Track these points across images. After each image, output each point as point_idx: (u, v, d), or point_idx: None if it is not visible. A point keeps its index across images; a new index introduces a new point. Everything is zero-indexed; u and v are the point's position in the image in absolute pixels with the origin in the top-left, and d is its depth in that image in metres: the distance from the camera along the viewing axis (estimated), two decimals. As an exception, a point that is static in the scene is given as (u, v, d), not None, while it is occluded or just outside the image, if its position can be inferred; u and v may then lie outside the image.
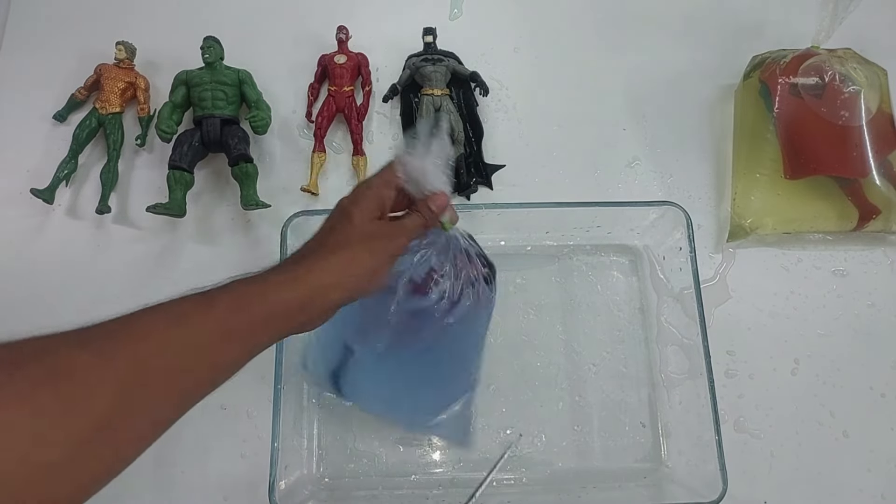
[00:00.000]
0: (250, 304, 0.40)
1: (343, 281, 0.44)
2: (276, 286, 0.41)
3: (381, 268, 0.46)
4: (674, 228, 0.63)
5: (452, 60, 0.75)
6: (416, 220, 0.49)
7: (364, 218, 0.46)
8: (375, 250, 0.45)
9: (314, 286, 0.42)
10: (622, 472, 0.62)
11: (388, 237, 0.47)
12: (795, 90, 0.69)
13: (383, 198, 0.47)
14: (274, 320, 0.41)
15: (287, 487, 0.56)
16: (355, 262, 0.45)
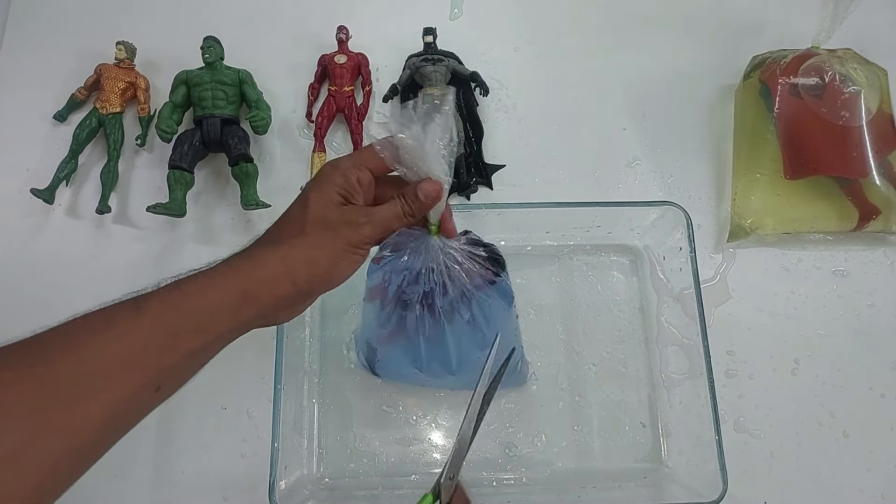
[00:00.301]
0: (182, 303, 0.37)
1: (291, 272, 0.40)
2: (213, 281, 0.39)
3: (338, 260, 0.42)
4: (674, 228, 0.63)
5: (452, 60, 0.75)
6: (394, 208, 0.43)
7: (323, 203, 0.42)
8: (329, 241, 0.41)
9: (258, 278, 0.40)
10: (622, 472, 0.62)
11: (350, 225, 0.42)
12: (795, 90, 0.69)
13: (349, 180, 0.42)
14: (215, 317, 0.38)
15: (287, 487, 0.56)
16: (307, 251, 0.41)
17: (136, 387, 0.35)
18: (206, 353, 0.39)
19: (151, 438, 0.63)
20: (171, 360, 0.37)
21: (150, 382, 0.36)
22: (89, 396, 0.34)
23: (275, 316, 0.43)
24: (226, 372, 0.64)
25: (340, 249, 0.42)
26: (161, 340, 0.36)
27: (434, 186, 0.43)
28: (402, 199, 0.44)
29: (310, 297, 0.44)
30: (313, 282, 0.42)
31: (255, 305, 0.40)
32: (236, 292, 0.39)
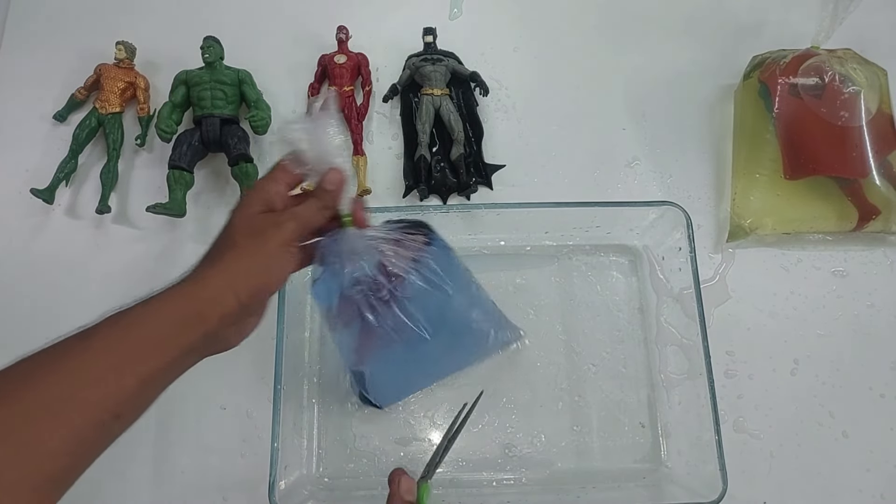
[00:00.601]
0: (128, 332, 0.38)
1: (234, 283, 0.42)
2: (156, 307, 0.40)
3: (271, 262, 0.44)
4: (673, 228, 0.63)
5: (452, 60, 0.75)
6: (311, 204, 0.46)
7: (247, 216, 0.44)
8: (259, 245, 0.43)
9: (202, 298, 0.41)
10: (622, 472, 0.62)
11: (276, 225, 0.44)
12: (795, 90, 0.69)
13: (268, 193, 0.45)
14: (162, 343, 0.39)
15: (287, 487, 0.56)
16: (242, 261, 0.42)
17: (94, 418, 0.36)
18: (161, 380, 0.40)
19: (151, 438, 0.63)
20: (125, 389, 0.37)
21: (108, 412, 0.37)
22: (48, 431, 0.34)
23: (224, 336, 0.44)
24: (226, 372, 0.65)
25: (273, 251, 0.43)
26: (112, 371, 0.37)
27: (335, 174, 0.46)
28: (314, 196, 0.46)
29: (255, 311, 0.45)
30: (254, 291, 0.43)
31: (201, 326, 0.40)
32: (180, 315, 0.40)
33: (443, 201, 0.71)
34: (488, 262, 0.68)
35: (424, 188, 0.70)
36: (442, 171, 0.72)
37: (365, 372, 0.57)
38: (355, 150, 0.72)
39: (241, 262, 0.42)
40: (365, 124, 0.74)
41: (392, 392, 0.62)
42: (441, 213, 0.65)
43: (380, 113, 0.76)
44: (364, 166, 0.71)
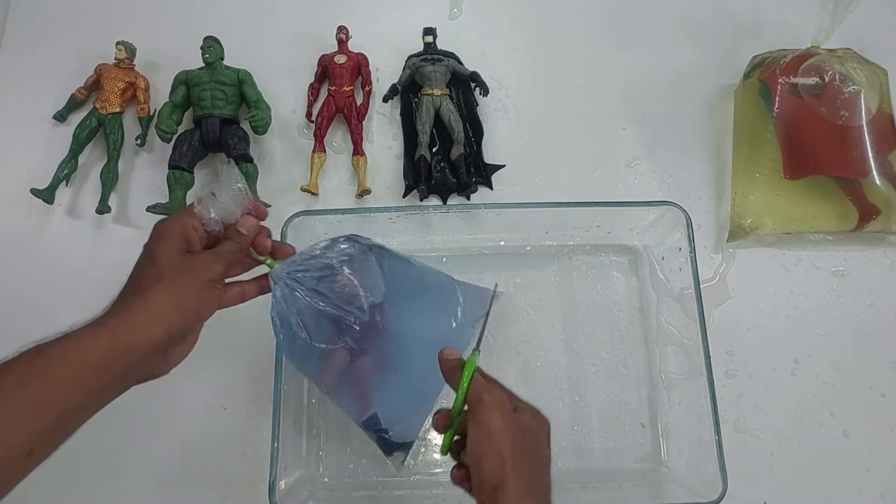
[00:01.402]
0: (48, 367, 0.38)
1: (158, 317, 0.43)
2: (79, 341, 0.40)
3: (200, 296, 0.45)
4: (674, 228, 0.63)
5: (452, 60, 0.75)
6: (231, 244, 0.48)
7: (169, 253, 0.45)
8: (187, 281, 0.45)
9: (125, 330, 0.41)
10: (622, 472, 0.62)
11: (202, 265, 0.46)
12: (795, 90, 0.69)
13: (187, 229, 0.46)
14: (84, 376, 0.39)
15: (287, 487, 0.56)
16: (168, 297, 0.43)
17: (4, 454, 0.36)
18: (80, 413, 0.40)
19: (151, 438, 0.63)
20: (39, 425, 0.37)
21: (21, 448, 0.37)
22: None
23: (150, 365, 0.44)
24: (226, 372, 0.65)
25: (201, 286, 0.45)
26: (28, 405, 0.37)
27: (249, 220, 0.49)
28: (230, 238, 0.49)
29: (183, 340, 0.46)
30: (184, 324, 0.44)
31: (126, 356, 0.41)
32: (104, 346, 0.40)
33: (443, 201, 0.71)
34: (488, 261, 0.68)
35: (424, 188, 0.70)
36: (442, 171, 0.72)
37: (377, 413, 0.55)
38: (355, 150, 0.72)
39: (170, 296, 0.44)
40: (365, 124, 0.74)
41: (411, 419, 0.58)
42: (441, 213, 0.65)
43: (380, 113, 0.76)
44: (364, 166, 0.71)
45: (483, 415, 0.43)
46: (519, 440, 0.43)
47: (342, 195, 0.72)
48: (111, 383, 0.41)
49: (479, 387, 0.45)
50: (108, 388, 0.41)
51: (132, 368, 0.42)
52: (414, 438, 0.58)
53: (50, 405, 0.38)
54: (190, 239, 0.47)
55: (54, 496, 0.61)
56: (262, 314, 0.60)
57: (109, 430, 0.63)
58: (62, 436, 0.40)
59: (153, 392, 0.64)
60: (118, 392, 0.43)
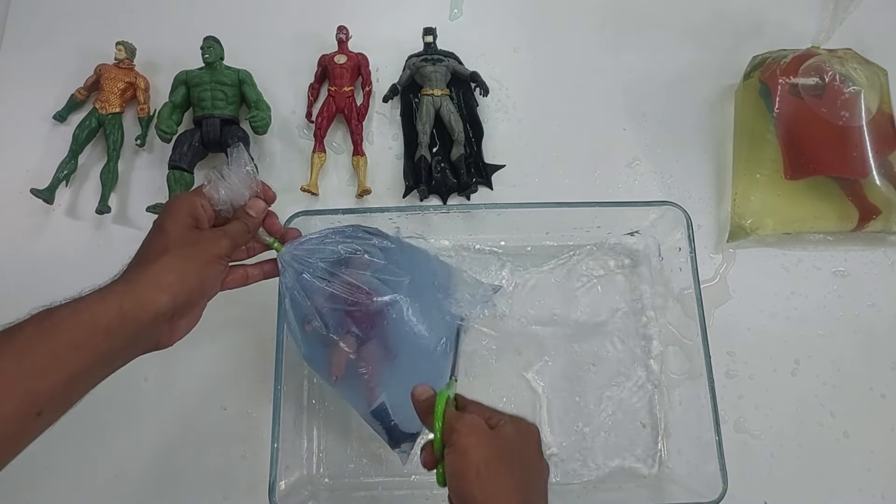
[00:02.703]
0: (58, 328, 0.39)
1: (164, 286, 0.44)
2: (88, 305, 0.41)
3: (205, 270, 0.47)
4: (674, 228, 0.63)
5: (452, 60, 0.75)
6: (239, 225, 0.50)
7: (178, 227, 0.47)
8: (194, 254, 0.46)
9: (135, 295, 0.42)
10: (622, 472, 0.62)
11: (211, 240, 0.47)
12: (795, 90, 0.69)
13: (196, 207, 0.48)
14: (93, 339, 0.40)
15: (287, 487, 0.56)
16: (174, 267, 0.45)
17: (14, 413, 0.37)
18: (89, 377, 0.41)
19: (151, 438, 0.63)
20: (50, 384, 0.38)
21: (31, 407, 0.37)
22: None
23: (157, 335, 0.45)
24: (226, 372, 0.65)
25: (207, 261, 0.47)
26: (38, 364, 0.38)
27: (258, 202, 0.51)
28: (239, 219, 0.51)
29: (186, 312, 0.47)
30: (188, 295, 0.45)
31: (133, 322, 0.42)
32: (113, 311, 0.41)
33: (443, 201, 0.71)
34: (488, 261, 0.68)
35: (424, 188, 0.70)
36: (442, 171, 0.72)
37: (385, 402, 0.56)
38: (355, 150, 0.72)
39: (176, 267, 0.45)
40: (365, 124, 0.74)
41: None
42: (441, 213, 0.65)
43: (380, 113, 0.76)
44: (364, 166, 0.71)
45: (459, 442, 0.42)
46: (495, 454, 0.42)
47: (342, 195, 0.72)
48: (119, 348, 0.42)
49: (450, 419, 0.44)
50: (117, 352, 0.42)
51: (139, 335, 0.43)
52: (420, 429, 0.57)
53: (60, 366, 0.39)
54: (198, 216, 0.48)
55: (53, 495, 0.61)
56: (262, 314, 0.61)
57: (109, 430, 0.63)
58: (71, 399, 0.40)
59: (153, 391, 0.64)
60: (125, 359, 0.43)
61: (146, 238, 0.47)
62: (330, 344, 0.54)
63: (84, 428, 0.63)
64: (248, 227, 0.50)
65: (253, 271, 0.53)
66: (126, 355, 0.43)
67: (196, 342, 0.64)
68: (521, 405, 0.63)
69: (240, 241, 0.50)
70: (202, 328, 0.53)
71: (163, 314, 0.43)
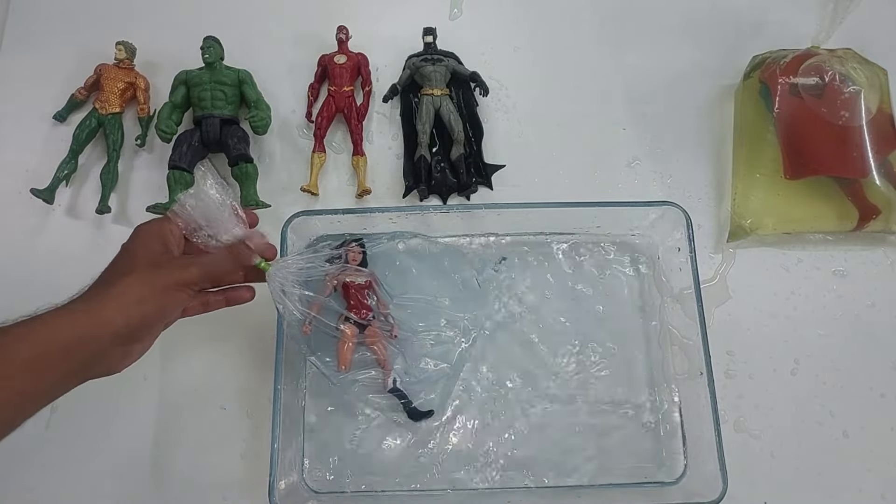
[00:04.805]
0: (12, 346, 0.39)
1: (123, 309, 0.43)
2: (45, 323, 0.40)
3: (166, 295, 0.45)
4: (674, 228, 0.63)
5: (452, 60, 0.75)
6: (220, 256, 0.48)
7: (148, 250, 0.46)
8: (156, 278, 0.45)
9: (93, 316, 0.42)
10: (622, 472, 0.62)
11: (178, 266, 0.46)
12: (795, 90, 0.69)
13: (164, 232, 0.47)
14: (48, 359, 0.39)
15: (287, 487, 0.56)
16: (134, 290, 0.44)
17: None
18: (40, 399, 0.40)
19: (151, 438, 0.63)
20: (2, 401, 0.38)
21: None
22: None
23: (111, 356, 0.44)
24: (226, 372, 0.65)
25: (169, 286, 0.45)
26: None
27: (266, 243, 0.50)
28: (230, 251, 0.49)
29: (142, 338, 0.46)
30: (144, 320, 0.44)
31: (91, 343, 0.41)
32: (70, 332, 0.40)
33: (443, 201, 0.71)
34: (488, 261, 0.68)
35: (424, 188, 0.70)
36: (442, 171, 0.72)
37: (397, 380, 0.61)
38: (355, 150, 0.72)
39: (137, 290, 0.44)
40: (365, 124, 0.74)
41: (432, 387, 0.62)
42: (441, 213, 0.65)
43: (380, 113, 0.76)
44: (364, 166, 0.71)
45: None
46: None
47: (342, 195, 0.72)
48: (74, 370, 0.41)
49: None
50: (71, 374, 0.41)
51: (95, 357, 0.42)
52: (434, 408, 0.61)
53: (12, 385, 0.38)
54: (167, 242, 0.47)
55: (52, 494, 0.61)
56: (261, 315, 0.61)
57: (108, 430, 0.63)
58: (15, 422, 0.39)
59: (153, 391, 0.64)
60: (76, 382, 0.43)
61: (116, 257, 0.47)
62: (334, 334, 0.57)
63: (83, 427, 0.63)
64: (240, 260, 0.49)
65: (214, 297, 0.52)
66: (78, 378, 0.43)
67: (196, 342, 0.65)
68: (520, 406, 0.63)
69: (217, 272, 0.49)
70: (202, 328, 0.53)
71: (118, 335, 0.43)
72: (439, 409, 0.61)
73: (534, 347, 0.65)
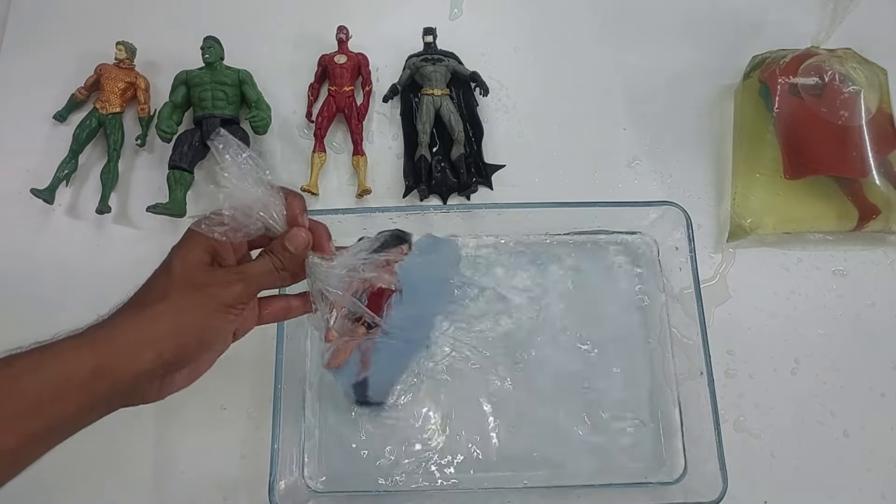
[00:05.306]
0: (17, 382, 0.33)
1: (155, 342, 0.37)
2: (57, 355, 0.35)
3: (207, 322, 0.38)
4: (674, 228, 0.63)
5: (452, 60, 0.75)
6: (264, 264, 0.40)
7: (188, 264, 0.39)
8: (196, 303, 0.38)
9: (115, 349, 0.36)
10: (622, 472, 0.62)
11: (220, 284, 0.39)
12: (795, 90, 0.69)
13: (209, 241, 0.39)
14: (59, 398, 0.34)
15: (287, 487, 0.56)
16: (168, 318, 0.37)
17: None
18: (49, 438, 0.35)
19: (151, 438, 0.63)
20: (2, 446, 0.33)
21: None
22: None
23: (141, 393, 0.38)
24: (226, 372, 0.64)
25: (211, 311, 0.39)
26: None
27: (301, 235, 0.40)
28: (271, 255, 0.41)
29: (182, 367, 0.40)
30: (182, 351, 0.38)
31: (109, 381, 0.35)
32: (86, 366, 0.35)
33: (443, 201, 0.71)
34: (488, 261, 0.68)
35: (424, 188, 0.70)
36: (442, 171, 0.72)
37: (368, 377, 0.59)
38: (355, 150, 0.72)
39: (171, 318, 0.38)
40: (365, 124, 0.74)
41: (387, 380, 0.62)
42: (441, 213, 0.65)
43: (380, 113, 0.76)
44: (364, 166, 0.71)
45: None
46: None
47: (342, 195, 0.72)
48: (91, 406, 0.36)
49: None
50: (87, 411, 0.36)
51: (116, 393, 0.36)
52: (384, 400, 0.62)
53: (13, 426, 0.33)
54: (216, 249, 0.40)
55: (52, 494, 0.61)
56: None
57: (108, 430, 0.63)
58: (24, 462, 0.35)
59: (153, 392, 0.64)
60: (98, 416, 0.37)
61: (155, 271, 0.40)
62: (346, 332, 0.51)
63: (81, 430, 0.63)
64: (281, 265, 0.40)
65: (296, 303, 0.45)
66: (99, 412, 0.37)
67: (196, 342, 0.65)
68: (520, 406, 0.63)
69: (264, 283, 0.41)
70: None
71: (146, 372, 0.37)
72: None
73: (532, 348, 0.65)
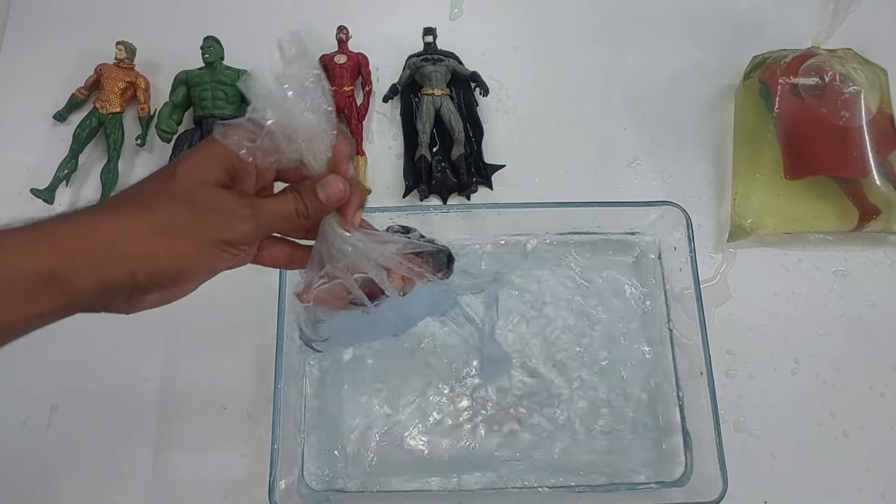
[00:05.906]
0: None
1: (128, 258, 0.30)
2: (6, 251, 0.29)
3: (197, 257, 0.31)
4: (674, 228, 0.63)
5: (452, 60, 0.75)
6: (285, 204, 0.34)
7: (195, 178, 0.32)
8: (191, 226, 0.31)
9: (77, 254, 0.29)
10: (622, 472, 0.62)
11: (225, 214, 0.32)
12: (795, 90, 0.69)
13: (231, 155, 0.32)
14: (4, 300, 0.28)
15: (287, 487, 0.56)
16: (151, 236, 0.30)
17: None
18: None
19: (151, 438, 0.63)
20: None
21: None
22: None
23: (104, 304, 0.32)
24: (226, 372, 0.65)
25: (204, 244, 0.31)
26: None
27: (339, 185, 0.34)
28: (296, 195, 0.34)
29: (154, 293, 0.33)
30: (157, 278, 0.31)
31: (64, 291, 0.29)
32: (38, 269, 0.28)
33: (443, 201, 0.71)
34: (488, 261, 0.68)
35: (425, 188, 0.70)
36: (442, 171, 0.72)
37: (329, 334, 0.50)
38: (355, 149, 0.72)
39: (151, 237, 0.30)
40: (365, 124, 0.74)
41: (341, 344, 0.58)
42: (441, 213, 0.65)
43: (380, 113, 0.76)
44: (364, 166, 0.71)
45: None
46: None
47: (342, 195, 0.72)
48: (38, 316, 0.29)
49: None
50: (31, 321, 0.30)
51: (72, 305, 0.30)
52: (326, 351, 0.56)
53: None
54: (235, 168, 0.33)
55: (52, 494, 0.61)
56: (261, 314, 0.61)
57: (108, 430, 0.63)
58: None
59: (152, 391, 0.64)
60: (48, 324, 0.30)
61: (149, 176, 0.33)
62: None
63: (83, 427, 0.63)
64: (305, 211, 0.34)
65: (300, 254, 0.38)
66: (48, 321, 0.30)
67: (196, 342, 0.65)
68: (520, 406, 0.63)
69: (276, 226, 0.34)
70: (202, 327, 0.53)
71: (112, 287, 0.30)
72: None
73: (532, 348, 0.65)
